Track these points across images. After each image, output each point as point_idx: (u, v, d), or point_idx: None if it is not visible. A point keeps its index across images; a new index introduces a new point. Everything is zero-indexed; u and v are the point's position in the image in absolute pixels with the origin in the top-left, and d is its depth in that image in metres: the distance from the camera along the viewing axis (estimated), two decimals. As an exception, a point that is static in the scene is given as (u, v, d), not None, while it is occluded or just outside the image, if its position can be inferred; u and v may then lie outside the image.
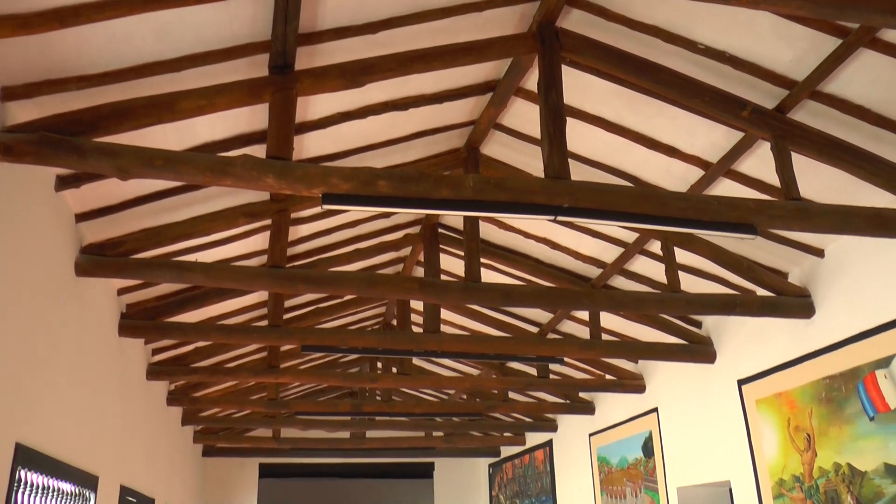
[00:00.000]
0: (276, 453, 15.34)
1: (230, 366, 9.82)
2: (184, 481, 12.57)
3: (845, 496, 6.58)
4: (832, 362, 6.71)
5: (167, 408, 10.26)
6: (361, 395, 12.72)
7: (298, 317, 9.41)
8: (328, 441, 13.99)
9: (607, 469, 11.26)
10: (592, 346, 8.07)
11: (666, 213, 4.82)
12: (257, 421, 12.13)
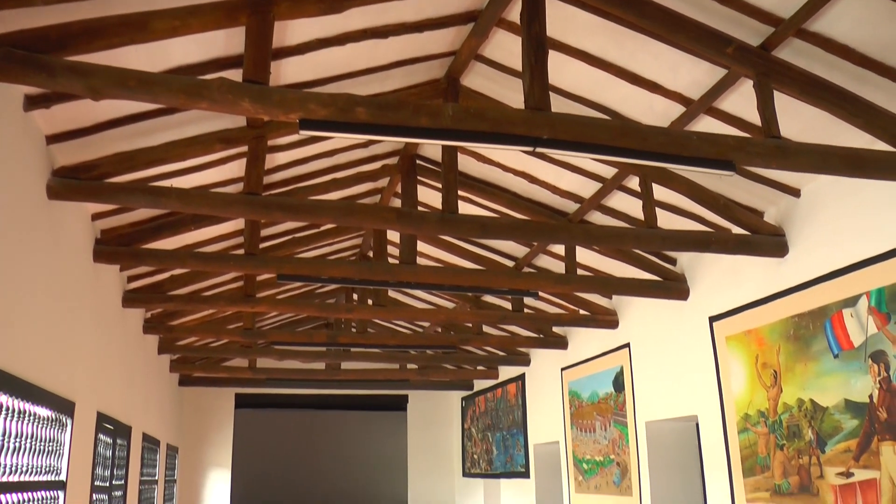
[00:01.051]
0: (252, 383, 15.45)
1: (207, 294, 9.80)
2: (161, 410, 12.65)
3: (806, 431, 6.74)
4: (802, 301, 6.81)
5: (143, 336, 10.26)
6: (337, 326, 12.78)
7: (275, 246, 9.38)
8: (303, 372, 14.09)
9: (578, 403, 11.44)
10: (567, 281, 8.11)
11: (646, 147, 4.81)
12: (234, 351, 12.18)
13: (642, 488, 9.50)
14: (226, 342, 12.54)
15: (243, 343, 12.16)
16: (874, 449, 6.01)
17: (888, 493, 5.87)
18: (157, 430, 12.10)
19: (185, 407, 16.35)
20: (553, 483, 13.06)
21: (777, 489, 7.11)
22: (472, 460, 16.74)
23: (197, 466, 16.31)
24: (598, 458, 10.73)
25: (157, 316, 10.45)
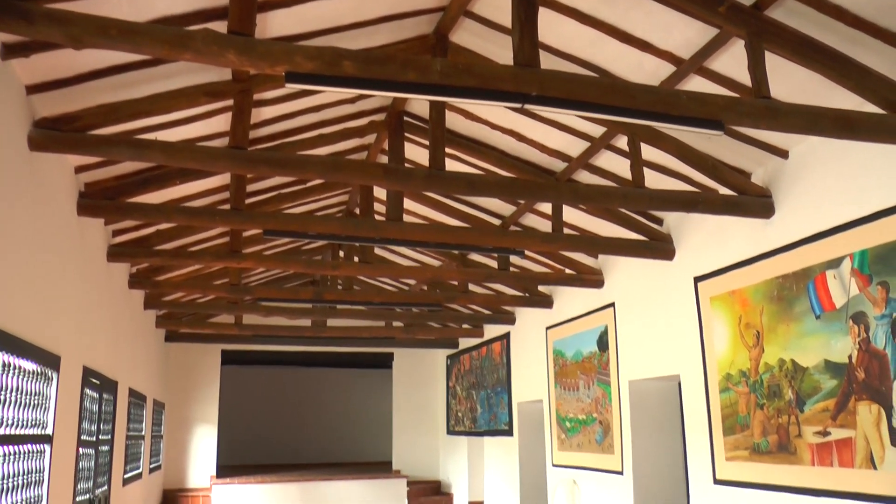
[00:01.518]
0: (238, 340, 15.45)
1: (193, 250, 9.76)
2: (147, 366, 12.66)
3: (787, 390, 6.82)
4: (787, 262, 6.85)
5: (129, 291, 10.23)
6: (323, 283, 12.78)
7: (261, 202, 9.33)
8: (289, 329, 14.10)
9: (562, 362, 11.52)
10: (554, 240, 8.12)
11: (634, 105, 4.79)
12: (220, 307, 12.17)
13: (624, 447, 9.61)
14: (212, 298, 12.52)
15: (229, 299, 12.16)
16: (851, 409, 6.09)
17: (863, 451, 5.97)
18: (143, 386, 12.12)
19: (171, 363, 16.38)
20: (536, 441, 13.20)
21: (756, 448, 7.21)
22: (457, 418, 16.88)
23: (183, 422, 16.40)
24: (581, 416, 10.83)
25: (143, 271, 10.41)
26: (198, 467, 16.34)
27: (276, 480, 16.05)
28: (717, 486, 7.79)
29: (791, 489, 6.73)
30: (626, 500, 9.51)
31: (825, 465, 6.35)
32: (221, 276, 11.98)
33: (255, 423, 21.83)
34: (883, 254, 5.84)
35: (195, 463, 16.35)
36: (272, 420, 22.20)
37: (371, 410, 22.96)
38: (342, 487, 16.38)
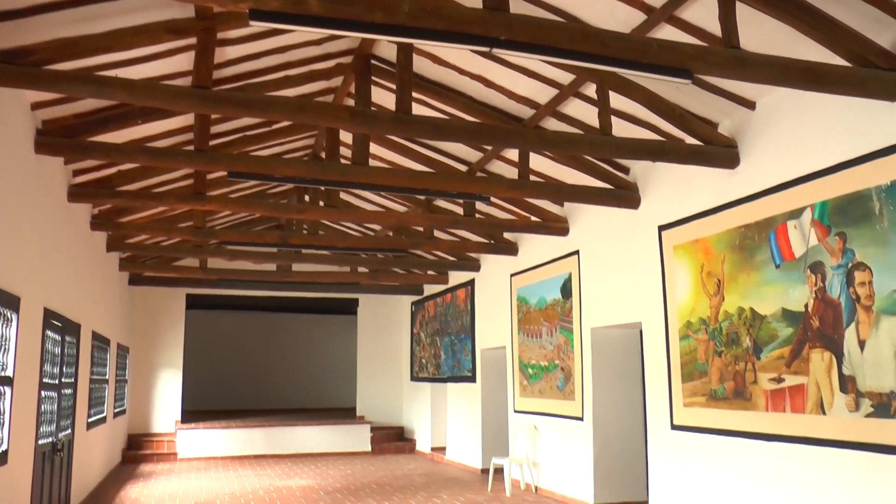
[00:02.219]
0: (203, 284, 15.38)
1: (157, 191, 9.63)
2: (111, 309, 12.57)
3: (744, 338, 6.96)
4: (749, 212, 6.94)
5: (91, 232, 10.11)
6: (288, 227, 12.71)
7: (226, 144, 9.22)
8: (255, 273, 14.06)
9: (526, 309, 11.62)
10: (520, 186, 8.13)
11: (604, 52, 4.79)
12: (185, 250, 12.06)
13: (585, 392, 9.77)
14: (176, 241, 12.42)
15: (194, 242, 12.07)
16: (805, 356, 6.24)
17: (814, 397, 6.13)
18: (107, 329, 12.05)
19: (135, 307, 16.29)
20: (499, 387, 13.37)
21: (713, 394, 7.36)
22: (421, 364, 17.02)
23: (148, 367, 16.37)
24: (544, 363, 10.97)
25: (106, 212, 10.28)
26: (163, 412, 16.36)
27: (241, 426, 16.15)
28: (675, 431, 7.97)
29: (745, 434, 6.91)
30: (586, 445, 9.70)
31: (778, 411, 6.52)
32: (186, 218, 11.86)
33: (219, 369, 21.86)
34: (842, 205, 5.93)
35: (160, 408, 16.36)
36: (237, 365, 22.24)
37: (336, 356, 23.07)
38: (306, 433, 16.53)
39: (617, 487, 9.65)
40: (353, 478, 12.78)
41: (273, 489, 11.45)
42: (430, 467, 14.42)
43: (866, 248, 5.72)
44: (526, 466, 11.27)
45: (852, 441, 5.78)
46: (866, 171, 5.75)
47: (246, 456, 15.88)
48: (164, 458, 15.30)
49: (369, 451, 16.84)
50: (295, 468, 14.19)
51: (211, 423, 16.15)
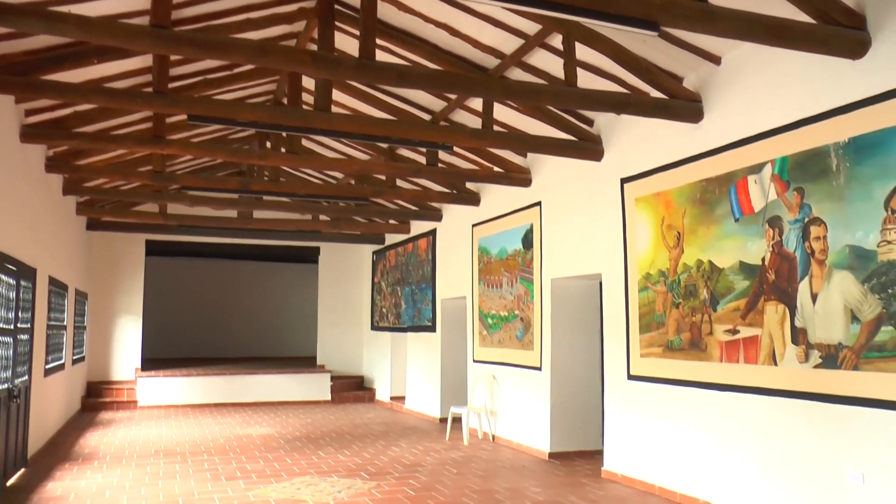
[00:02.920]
0: (163, 230, 15.21)
1: (114, 134, 9.45)
2: (68, 254, 12.39)
3: (702, 290, 7.06)
4: (711, 166, 7.00)
5: (46, 175, 9.92)
6: (250, 173, 12.57)
7: (186, 87, 9.06)
8: (216, 220, 13.90)
9: (487, 259, 11.66)
10: (483, 136, 8.09)
11: (572, 1, 4.75)
12: (144, 195, 11.90)
13: (543, 343, 9.87)
14: (136, 186, 12.26)
15: (154, 187, 11.90)
16: (760, 308, 6.35)
17: (766, 348, 6.26)
18: (64, 275, 11.89)
19: (94, 252, 16.08)
20: (458, 337, 13.46)
21: (670, 345, 7.48)
22: (381, 314, 17.06)
23: (107, 313, 16.22)
24: (503, 313, 11.05)
25: (61, 154, 10.08)
26: (123, 359, 16.26)
27: (202, 374, 16.11)
28: (631, 381, 8.10)
29: (699, 384, 7.05)
30: (543, 395, 9.83)
31: (732, 362, 6.65)
32: (145, 163, 11.68)
33: (180, 316, 21.75)
34: (802, 161, 6.00)
35: (120, 355, 16.26)
36: (198, 313, 22.13)
37: (296, 305, 23.04)
38: (267, 381, 16.54)
39: (573, 437, 9.82)
40: (312, 426, 12.85)
41: (233, 437, 11.48)
42: (389, 416, 14.54)
43: (822, 203, 5.80)
44: (484, 416, 11.41)
45: (801, 391, 5.93)
46: (826, 128, 5.81)
47: (206, 404, 15.87)
48: (124, 405, 15.24)
49: (329, 400, 16.92)
50: (255, 416, 14.24)
51: (171, 371, 16.09)
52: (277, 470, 8.79)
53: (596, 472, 8.68)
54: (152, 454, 9.86)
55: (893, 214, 5.22)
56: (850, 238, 5.54)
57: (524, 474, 8.68)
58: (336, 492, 7.61)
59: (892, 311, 5.20)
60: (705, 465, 7.00)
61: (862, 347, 5.42)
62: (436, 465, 9.24)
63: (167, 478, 8.33)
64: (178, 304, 21.80)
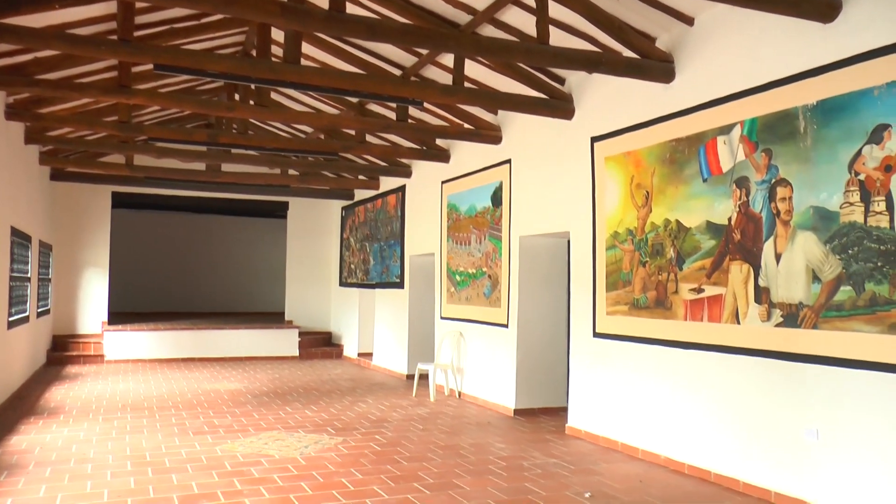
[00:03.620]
0: (129, 182, 14.99)
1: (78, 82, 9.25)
2: (31, 204, 12.20)
3: (669, 249, 7.12)
4: (682, 126, 7.02)
5: (7, 122, 9.72)
6: (218, 126, 12.41)
7: (152, 35, 8.88)
8: (183, 172, 13.73)
9: (455, 216, 11.66)
10: (454, 92, 8.04)
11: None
12: (110, 146, 11.68)
13: (511, 300, 9.92)
14: (101, 136, 12.04)
15: (120, 138, 11.70)
16: (725, 267, 6.42)
17: (730, 307, 6.36)
18: (27, 225, 11.72)
19: (58, 203, 15.84)
20: (426, 294, 13.49)
21: (635, 303, 7.56)
22: (350, 270, 17.04)
23: (73, 266, 16.03)
24: (471, 270, 11.08)
25: (22, 102, 9.87)
26: (89, 313, 16.13)
27: (169, 328, 16.04)
28: (597, 339, 8.18)
29: (664, 342, 7.14)
30: (510, 352, 9.91)
31: (696, 320, 6.73)
32: (111, 112, 11.47)
33: (147, 270, 21.60)
34: (771, 122, 6.03)
35: (86, 309, 16.11)
36: (165, 267, 21.99)
37: (265, 260, 22.96)
38: (234, 336, 16.52)
39: (538, 394, 9.92)
40: (280, 382, 12.87)
41: (201, 392, 11.47)
42: (357, 372, 14.60)
43: (789, 164, 5.85)
44: (450, 372, 11.49)
45: (762, 349, 6.03)
46: (795, 90, 5.85)
47: (174, 359, 15.83)
48: (90, 359, 15.16)
49: (297, 356, 16.94)
50: (223, 371, 14.23)
51: (138, 326, 16.01)
52: (245, 425, 8.82)
53: (560, 429, 8.80)
54: (119, 408, 9.84)
55: (856, 177, 5.28)
56: (815, 199, 5.61)
57: (489, 430, 8.78)
58: (303, 447, 7.65)
59: (852, 271, 5.29)
60: (668, 422, 7.13)
61: (821, 307, 5.52)
62: (402, 421, 9.31)
63: (134, 432, 8.32)
64: (146, 258, 21.63)
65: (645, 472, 6.86)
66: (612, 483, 6.42)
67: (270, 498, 5.78)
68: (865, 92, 5.26)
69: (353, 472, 6.65)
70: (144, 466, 6.74)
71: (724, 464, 6.45)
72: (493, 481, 6.41)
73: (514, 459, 7.27)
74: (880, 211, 5.12)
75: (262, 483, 6.21)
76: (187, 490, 5.97)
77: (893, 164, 5.04)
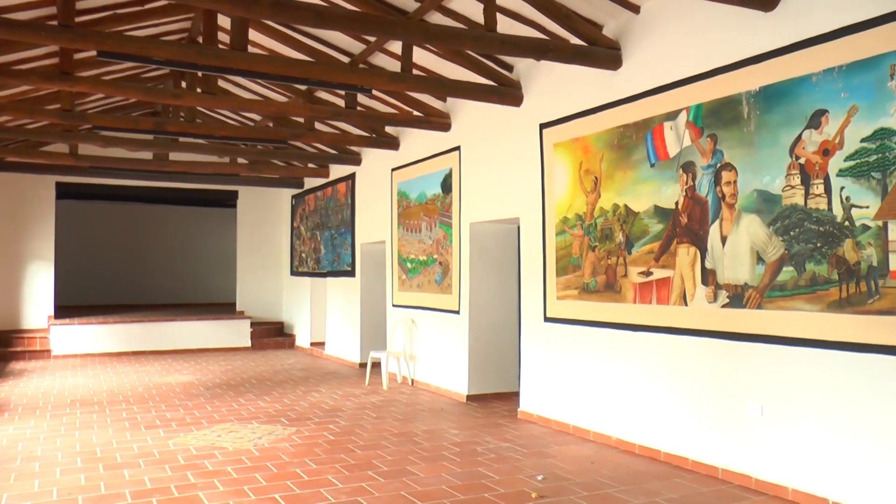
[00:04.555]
0: (74, 171, 14.66)
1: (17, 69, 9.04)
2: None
3: (618, 233, 7.22)
4: (629, 112, 7.11)
5: (-59, 110, 9.47)
6: (165, 114, 12.23)
7: (94, 21, 8.70)
8: (130, 161, 13.46)
9: (406, 203, 11.66)
10: (402, 80, 8.02)
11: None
12: (53, 135, 11.41)
13: (462, 286, 9.96)
14: (44, 124, 11.77)
15: (63, 126, 11.45)
16: (672, 250, 6.54)
17: (678, 289, 6.47)
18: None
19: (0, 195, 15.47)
20: (378, 282, 13.48)
21: (585, 287, 7.64)
22: (301, 259, 16.95)
23: (16, 259, 15.69)
24: (422, 257, 11.10)
25: (-43, 89, 9.63)
26: (34, 307, 15.81)
27: (118, 321, 15.78)
28: (547, 323, 8.26)
29: (614, 325, 7.24)
30: (461, 338, 9.96)
31: (645, 303, 6.84)
32: (53, 100, 11.23)
33: (95, 262, 21.18)
34: (716, 108, 6.14)
35: (31, 303, 15.80)
36: (113, 259, 21.57)
37: (215, 250, 22.68)
38: (186, 328, 16.33)
39: (490, 379, 9.99)
40: (232, 373, 12.78)
41: (152, 385, 11.33)
42: (309, 362, 14.55)
43: (734, 149, 5.96)
44: (403, 360, 11.51)
45: (709, 329, 6.16)
46: (739, 77, 5.96)
47: (124, 352, 15.58)
48: (36, 355, 14.83)
49: (249, 347, 16.82)
50: (174, 364, 14.07)
51: (86, 319, 15.71)
52: (198, 417, 8.74)
53: (513, 413, 8.88)
54: (68, 404, 9.67)
55: (797, 160, 5.41)
56: (758, 183, 5.73)
57: (442, 417, 8.82)
58: (257, 438, 7.62)
59: (794, 252, 5.43)
60: (618, 404, 7.24)
61: (765, 287, 5.66)
62: (355, 409, 9.31)
63: (84, 428, 8.19)
64: (93, 250, 21.21)
65: (596, 454, 6.96)
66: (564, 465, 6.51)
67: (224, 490, 5.75)
68: (804, 78, 5.39)
69: (307, 462, 6.65)
70: (95, 462, 6.64)
71: (673, 443, 6.58)
72: (446, 467, 6.45)
73: (468, 445, 7.32)
74: (819, 193, 5.26)
75: (216, 476, 6.17)
76: (140, 485, 5.90)
77: (831, 148, 5.18)
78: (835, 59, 5.18)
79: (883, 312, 4.86)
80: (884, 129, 4.86)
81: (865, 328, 4.97)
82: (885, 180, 4.85)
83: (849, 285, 5.08)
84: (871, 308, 4.93)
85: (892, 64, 4.81)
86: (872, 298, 4.93)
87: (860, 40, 5.02)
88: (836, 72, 5.17)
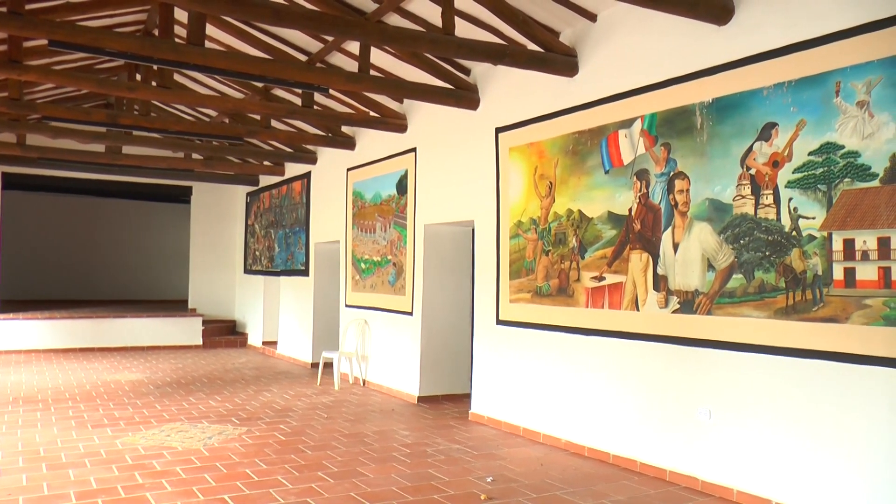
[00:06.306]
0: (22, 162, 14.34)
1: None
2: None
3: (571, 238, 7.29)
4: (584, 119, 7.18)
5: None
6: (118, 106, 12.04)
7: (46, 9, 8.54)
8: (81, 154, 13.23)
9: (361, 204, 11.64)
10: (359, 80, 8.01)
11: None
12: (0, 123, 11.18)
13: (415, 288, 9.97)
14: (-11, 114, 11.52)
15: (11, 115, 11.21)
16: (625, 256, 6.62)
17: (630, 294, 6.56)
18: None
19: (-59, 184, 15.11)
20: (331, 281, 13.43)
21: (538, 291, 7.70)
22: (254, 257, 16.81)
23: (-42, 250, 15.33)
24: (376, 258, 11.09)
25: None
26: (-24, 301, 15.46)
27: (66, 317, 15.48)
28: (500, 326, 8.30)
29: (566, 329, 7.31)
30: (414, 340, 9.96)
31: (597, 307, 6.91)
32: (0, 88, 10.98)
33: (42, 256, 20.75)
34: (669, 117, 6.24)
35: (-27, 296, 15.44)
36: (62, 253, 21.14)
37: (168, 246, 22.37)
38: (136, 325, 16.09)
39: (442, 381, 10.02)
40: (183, 371, 12.63)
41: (100, 383, 11.16)
42: (261, 361, 14.44)
43: (687, 158, 6.06)
44: (355, 360, 11.48)
45: (660, 335, 6.25)
46: (692, 88, 6.08)
47: (71, 349, 15.31)
48: (-24, 349, 14.54)
49: (200, 345, 16.64)
50: (124, 361, 13.87)
51: (32, 314, 15.38)
52: (147, 416, 8.63)
53: (463, 415, 8.91)
54: (10, 402, 9.47)
55: (748, 171, 5.53)
56: (710, 192, 5.84)
57: (393, 418, 8.82)
58: (207, 438, 7.54)
59: (743, 260, 5.55)
60: (568, 407, 7.30)
61: (715, 294, 5.76)
62: (306, 409, 9.27)
63: (27, 426, 8.03)
64: (41, 243, 20.77)
65: (546, 456, 7.01)
66: (513, 467, 6.55)
67: (173, 491, 5.68)
68: (756, 92, 5.52)
69: (257, 462, 6.60)
70: (38, 462, 6.52)
71: (622, 445, 6.66)
72: (396, 468, 6.45)
73: (418, 446, 7.33)
74: (768, 203, 5.38)
75: (165, 476, 6.10)
76: (85, 485, 5.80)
77: (780, 160, 5.30)
78: (785, 74, 5.31)
79: (826, 320, 4.99)
80: (829, 144, 5.00)
81: (810, 335, 5.09)
82: (830, 192, 4.98)
83: (795, 293, 5.20)
84: (816, 315, 5.06)
85: (838, 81, 4.95)
86: (817, 306, 5.06)
87: (809, 57, 5.15)
88: (785, 87, 5.29)
